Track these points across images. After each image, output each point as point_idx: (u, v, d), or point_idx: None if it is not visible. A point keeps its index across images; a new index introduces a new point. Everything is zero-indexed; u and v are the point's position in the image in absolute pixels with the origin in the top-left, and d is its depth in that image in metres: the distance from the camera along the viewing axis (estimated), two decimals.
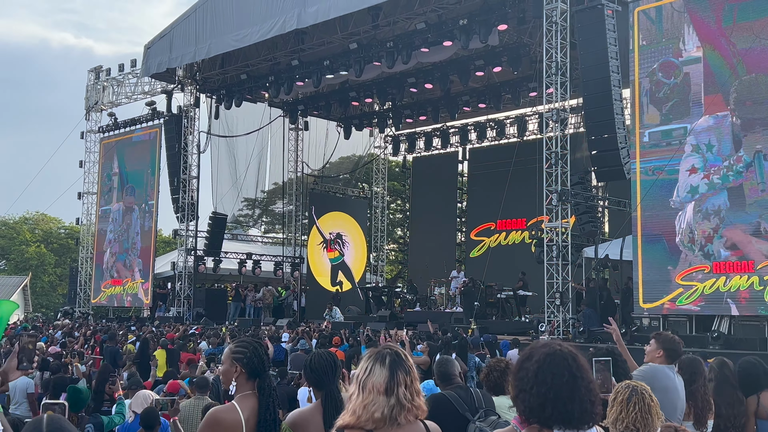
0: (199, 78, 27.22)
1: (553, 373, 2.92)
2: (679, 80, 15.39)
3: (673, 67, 15.49)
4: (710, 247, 14.57)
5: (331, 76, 24.22)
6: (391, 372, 2.81)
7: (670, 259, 15.06)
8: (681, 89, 15.34)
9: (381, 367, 2.82)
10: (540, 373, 2.93)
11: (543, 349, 3.03)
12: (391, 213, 38.57)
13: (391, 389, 2.78)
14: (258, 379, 3.70)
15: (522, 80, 23.83)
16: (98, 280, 29.62)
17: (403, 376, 2.82)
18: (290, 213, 32.70)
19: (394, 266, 38.88)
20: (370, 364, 2.86)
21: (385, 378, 2.79)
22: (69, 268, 36.99)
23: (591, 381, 2.98)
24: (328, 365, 3.82)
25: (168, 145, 27.29)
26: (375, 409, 2.75)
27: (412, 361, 2.93)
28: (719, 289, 14.29)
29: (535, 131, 27.09)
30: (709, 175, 14.79)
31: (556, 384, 2.90)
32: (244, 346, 3.79)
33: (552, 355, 2.97)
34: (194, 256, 26.97)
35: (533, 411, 2.92)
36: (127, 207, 28.78)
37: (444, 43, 21.16)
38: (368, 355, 2.92)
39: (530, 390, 2.93)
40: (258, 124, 29.13)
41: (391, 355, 2.87)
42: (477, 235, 28.86)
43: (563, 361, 2.95)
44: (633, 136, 16.12)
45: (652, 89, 15.81)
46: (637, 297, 15.48)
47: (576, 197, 17.65)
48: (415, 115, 29.14)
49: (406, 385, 2.81)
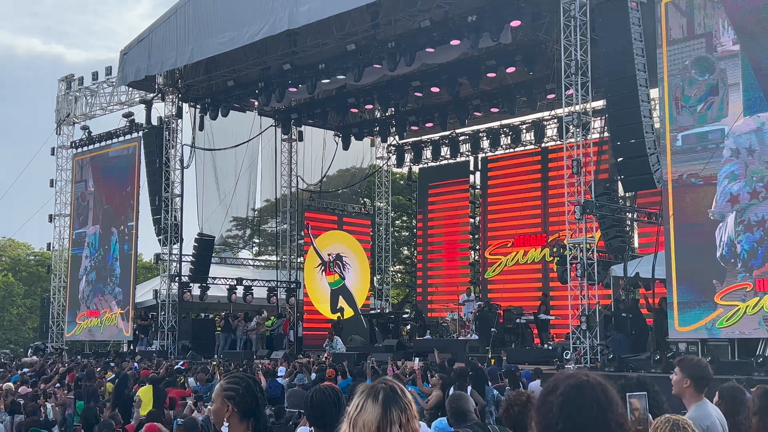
0: (181, 86, 27.34)
1: (580, 406, 2.92)
2: (715, 77, 15.41)
3: (708, 63, 15.52)
4: (754, 263, 14.52)
5: (327, 81, 24.32)
6: (385, 409, 2.80)
7: (709, 276, 15.00)
8: (717, 87, 15.36)
9: (374, 403, 2.81)
10: (565, 407, 2.93)
11: (568, 380, 3.02)
12: (397, 231, 38.58)
13: (384, 428, 2.77)
14: (252, 418, 3.72)
15: (538, 81, 23.87)
16: (73, 311, 29.61)
17: (398, 413, 2.80)
18: (284, 233, 32.69)
19: (401, 290, 38.82)
20: (362, 400, 2.85)
21: (377, 416, 2.78)
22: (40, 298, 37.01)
23: (622, 416, 2.97)
24: (332, 402, 3.82)
25: (148, 160, 27.36)
26: None
27: (410, 397, 2.91)
28: (764, 309, 14.23)
29: (554, 137, 27.12)
30: (751, 182, 14.78)
31: (583, 419, 2.89)
32: (236, 382, 3.81)
33: (578, 387, 2.96)
34: (179, 283, 26.97)
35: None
36: (104, 230, 28.84)
37: (451, 42, 21.25)
38: (361, 390, 2.91)
39: (555, 426, 2.93)
40: (247, 135, 29.20)
41: (386, 390, 2.85)
42: (492, 253, 28.83)
43: (591, 392, 2.95)
44: (663, 141, 16.12)
45: (684, 88, 15.83)
46: (672, 320, 15.41)
47: (601, 209, 17.64)
48: (421, 122, 29.21)
49: (401, 424, 2.80)
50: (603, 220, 17.95)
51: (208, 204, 29.56)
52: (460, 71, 23.88)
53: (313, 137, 31.51)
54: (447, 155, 31.22)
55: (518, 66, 22.95)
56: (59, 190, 30.98)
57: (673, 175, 15.79)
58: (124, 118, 28.50)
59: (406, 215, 38.92)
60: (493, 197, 29.28)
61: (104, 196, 29.15)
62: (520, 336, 21.67)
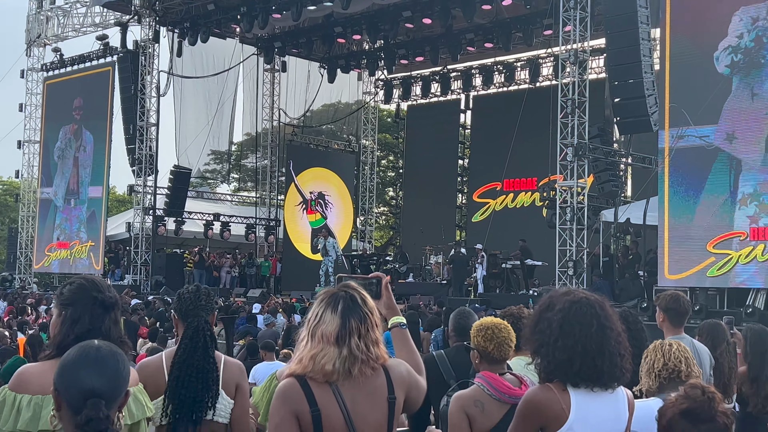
0: (158, 8, 26.85)
1: (581, 323, 2.96)
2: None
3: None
4: (747, 210, 14.62)
5: (313, 7, 23.95)
6: (344, 320, 2.80)
7: (703, 223, 15.11)
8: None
9: (332, 314, 2.82)
10: (566, 324, 2.98)
11: (566, 296, 3.06)
12: (382, 170, 38.51)
13: (343, 339, 2.78)
14: (185, 323, 3.91)
15: (535, 16, 23.60)
16: (42, 242, 29.53)
17: (356, 324, 2.81)
18: (265, 168, 32.60)
19: (385, 232, 38.96)
20: (321, 309, 2.85)
21: (336, 326, 2.79)
22: (8, 229, 36.86)
23: (621, 332, 3.02)
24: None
25: (122, 86, 26.99)
26: (325, 361, 2.76)
27: (371, 304, 2.91)
28: (757, 259, 14.38)
29: (549, 76, 27.03)
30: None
31: (584, 335, 2.92)
32: (177, 292, 4.14)
33: (577, 303, 3.02)
34: (153, 216, 26.90)
35: (559, 367, 2.96)
36: (77, 128, 28.42)
37: None
38: (321, 297, 2.91)
39: (554, 343, 2.98)
40: (227, 63, 28.89)
41: (345, 299, 2.85)
42: (480, 196, 28.87)
43: (590, 309, 3.01)
44: (663, 81, 16.05)
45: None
46: (663, 267, 15.57)
47: (595, 152, 17.66)
48: (411, 56, 28.94)
49: (360, 334, 2.80)
50: (596, 163, 17.97)
51: (185, 135, 29.37)
52: (454, 2, 23.62)
53: (297, 68, 31.24)
54: (437, 92, 31.07)
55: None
56: (28, 115, 30.59)
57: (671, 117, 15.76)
58: (98, 40, 28.02)
59: (393, 154, 38.81)
60: (483, 138, 29.19)
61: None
62: (506, 281, 21.86)
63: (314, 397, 2.74)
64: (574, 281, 17.05)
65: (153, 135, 27.07)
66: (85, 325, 3.05)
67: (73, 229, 28.27)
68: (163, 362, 3.85)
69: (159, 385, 3.73)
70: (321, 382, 2.77)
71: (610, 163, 18.36)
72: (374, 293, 3.14)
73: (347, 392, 2.77)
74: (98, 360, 2.27)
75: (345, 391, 2.77)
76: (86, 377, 2.22)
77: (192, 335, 3.81)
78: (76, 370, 2.24)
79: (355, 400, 2.77)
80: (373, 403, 2.81)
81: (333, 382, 2.77)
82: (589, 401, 2.94)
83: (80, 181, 28.16)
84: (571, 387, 2.95)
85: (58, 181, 29.00)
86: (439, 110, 31.20)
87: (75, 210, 28.28)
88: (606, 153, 18.29)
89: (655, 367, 3.60)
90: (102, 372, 2.24)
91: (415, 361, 3.11)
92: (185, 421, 3.71)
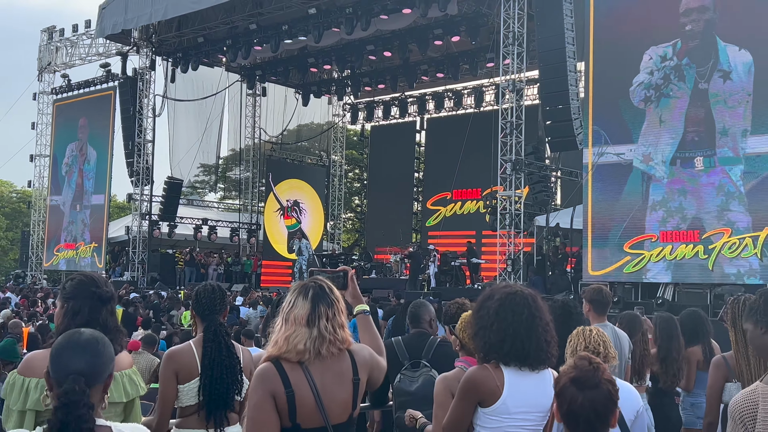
0: (155, 40, 26.58)
1: (514, 311, 3.02)
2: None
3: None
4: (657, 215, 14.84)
5: (290, 41, 23.89)
6: (314, 305, 2.83)
7: (620, 227, 15.30)
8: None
9: (304, 300, 2.84)
10: (501, 311, 3.03)
11: (504, 289, 3.12)
12: (349, 182, 38.42)
13: (313, 321, 2.80)
14: (205, 321, 3.96)
15: (480, 50, 23.79)
16: (51, 243, 29.02)
17: (324, 308, 2.83)
18: (247, 180, 32.39)
19: (351, 234, 38.86)
20: (294, 297, 2.88)
21: (307, 310, 2.81)
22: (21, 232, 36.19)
23: (548, 322, 3.07)
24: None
25: (122, 108, 26.72)
26: (297, 341, 2.77)
27: (338, 294, 2.94)
28: (665, 257, 14.61)
29: (491, 102, 27.20)
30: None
31: (516, 321, 2.98)
32: (195, 290, 4.14)
33: (513, 294, 3.07)
34: (149, 221, 26.61)
35: (492, 347, 3.00)
36: (82, 138, 28.04)
37: (403, 11, 21.02)
38: (293, 288, 2.93)
39: (490, 327, 3.02)
40: (215, 88, 28.65)
41: (315, 288, 2.88)
42: (433, 204, 28.95)
43: (523, 300, 3.06)
44: (587, 107, 16.25)
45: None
46: (587, 264, 15.72)
47: (530, 167, 17.81)
48: (374, 83, 28.96)
49: (328, 318, 2.83)
50: (531, 176, 18.12)
51: (177, 150, 29.08)
52: (411, 38, 23.67)
53: (275, 93, 31.10)
54: (396, 115, 31.10)
55: (462, 36, 22.83)
56: (40, 132, 30.10)
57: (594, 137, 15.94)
58: (102, 68, 27.68)
59: (358, 168, 38.75)
60: (435, 154, 29.30)
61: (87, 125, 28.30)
62: (455, 277, 21.93)
63: (288, 378, 2.75)
64: (512, 277, 17.18)
65: (149, 150, 26.77)
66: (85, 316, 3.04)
67: (78, 231, 27.85)
68: (194, 350, 3.92)
69: (192, 370, 3.85)
70: (294, 363, 2.77)
71: (543, 176, 18.53)
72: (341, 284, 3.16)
73: (317, 373, 2.78)
74: (80, 344, 2.25)
75: (315, 372, 2.78)
76: (69, 359, 2.21)
77: (213, 338, 3.89)
78: (62, 354, 2.23)
79: (324, 381, 2.79)
80: (340, 383, 2.83)
81: (304, 362, 2.77)
82: (519, 380, 2.97)
83: (85, 191, 27.77)
84: (504, 366, 2.99)
85: (65, 190, 28.54)
86: (398, 130, 31.23)
87: (80, 215, 27.85)
88: (539, 167, 18.46)
89: (578, 349, 3.66)
90: (83, 355, 2.22)
91: (376, 344, 3.14)
92: (220, 408, 3.82)
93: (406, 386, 4.42)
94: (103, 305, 3.11)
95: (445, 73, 26.76)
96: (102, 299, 3.11)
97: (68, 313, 3.07)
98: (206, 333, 3.91)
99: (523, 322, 3.00)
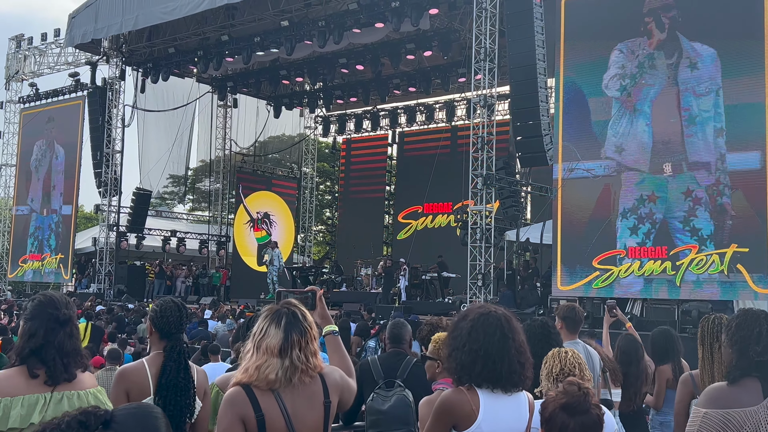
0: (125, 50, 26.34)
1: (486, 331, 2.98)
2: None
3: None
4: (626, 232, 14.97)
5: (262, 53, 23.82)
6: (286, 334, 2.76)
7: (589, 243, 15.40)
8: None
9: (276, 328, 2.77)
10: (473, 332, 2.99)
11: (479, 310, 3.08)
12: (320, 194, 38.33)
13: (285, 352, 2.74)
14: (167, 340, 3.79)
15: (452, 65, 23.93)
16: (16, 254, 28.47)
17: (297, 337, 2.77)
18: (217, 191, 32.12)
19: (322, 247, 38.72)
20: (265, 324, 2.81)
21: (279, 340, 2.75)
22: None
23: (522, 343, 3.03)
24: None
25: (91, 117, 26.34)
26: (269, 371, 2.71)
27: (311, 319, 2.88)
28: (634, 273, 14.73)
29: (463, 117, 27.30)
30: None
31: (487, 342, 2.94)
32: (157, 305, 3.93)
33: (486, 315, 3.03)
34: (116, 232, 26.24)
35: (464, 368, 2.96)
36: (48, 143, 27.55)
37: (376, 25, 21.06)
38: (265, 314, 2.86)
39: (462, 348, 2.98)
40: (185, 99, 28.42)
41: (288, 315, 2.81)
42: (404, 218, 28.96)
43: (496, 321, 3.01)
44: (557, 124, 16.38)
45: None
46: (556, 279, 15.79)
47: (500, 182, 17.87)
48: (346, 97, 28.95)
49: (301, 347, 2.77)
50: (501, 191, 18.20)
51: (147, 161, 28.73)
52: (383, 52, 23.73)
53: (247, 105, 30.92)
54: (368, 128, 31.11)
55: (434, 50, 22.93)
56: (6, 141, 29.60)
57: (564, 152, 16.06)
58: (71, 77, 27.27)
59: (330, 181, 38.69)
60: (407, 167, 29.36)
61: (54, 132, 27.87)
62: (425, 291, 21.90)
63: (258, 403, 2.69)
64: (483, 291, 17.20)
65: (118, 161, 26.46)
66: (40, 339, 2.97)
67: (44, 241, 27.36)
68: (147, 368, 3.77)
69: (144, 389, 3.69)
70: (264, 390, 2.72)
71: (513, 191, 18.61)
72: (309, 305, 3.11)
73: (288, 398, 2.73)
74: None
75: (286, 397, 2.73)
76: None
77: (176, 358, 3.75)
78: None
79: (295, 405, 2.73)
80: (311, 406, 2.78)
81: (275, 389, 2.72)
82: (494, 402, 2.94)
83: (52, 200, 27.30)
84: (478, 389, 2.95)
85: (33, 193, 28.02)
86: (370, 143, 31.26)
87: (47, 223, 27.37)
88: (510, 182, 18.54)
89: (553, 371, 3.64)
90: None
91: (345, 365, 3.09)
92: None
93: (379, 405, 4.39)
94: (61, 327, 3.04)
95: (417, 88, 26.83)
96: (59, 321, 3.04)
97: (24, 334, 3.02)
98: (169, 352, 3.77)
99: (495, 343, 2.96)
